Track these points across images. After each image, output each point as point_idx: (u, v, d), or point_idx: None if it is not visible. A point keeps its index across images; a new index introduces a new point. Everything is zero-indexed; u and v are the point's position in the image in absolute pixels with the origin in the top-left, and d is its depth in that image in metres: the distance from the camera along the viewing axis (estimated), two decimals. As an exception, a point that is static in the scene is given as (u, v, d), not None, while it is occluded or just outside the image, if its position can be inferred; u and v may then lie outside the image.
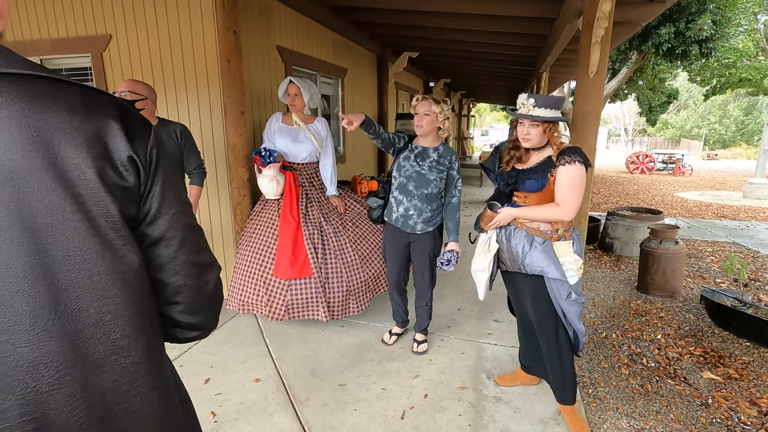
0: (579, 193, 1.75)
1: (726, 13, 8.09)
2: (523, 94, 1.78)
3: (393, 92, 6.81)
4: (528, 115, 1.75)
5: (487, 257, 1.99)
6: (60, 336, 0.54)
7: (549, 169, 1.81)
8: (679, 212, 7.65)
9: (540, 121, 1.77)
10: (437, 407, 2.11)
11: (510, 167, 1.95)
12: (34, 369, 0.53)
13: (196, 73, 2.99)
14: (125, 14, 3.03)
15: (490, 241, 1.99)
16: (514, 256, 1.91)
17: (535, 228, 1.87)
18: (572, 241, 1.88)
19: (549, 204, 1.82)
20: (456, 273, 3.97)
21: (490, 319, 3.06)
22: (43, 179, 0.52)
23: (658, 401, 2.20)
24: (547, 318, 1.89)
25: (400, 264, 2.55)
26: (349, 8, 4.17)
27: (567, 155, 1.76)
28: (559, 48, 3.96)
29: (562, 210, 1.78)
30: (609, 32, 2.10)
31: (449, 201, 2.41)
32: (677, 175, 14.13)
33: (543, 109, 1.73)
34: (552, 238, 1.85)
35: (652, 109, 14.26)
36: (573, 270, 1.82)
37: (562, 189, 1.76)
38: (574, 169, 1.73)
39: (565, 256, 1.84)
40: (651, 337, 2.88)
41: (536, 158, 1.88)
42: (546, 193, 1.83)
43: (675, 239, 3.51)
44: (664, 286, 3.48)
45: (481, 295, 2.09)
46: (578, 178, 1.75)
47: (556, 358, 1.92)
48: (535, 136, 1.80)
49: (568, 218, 1.80)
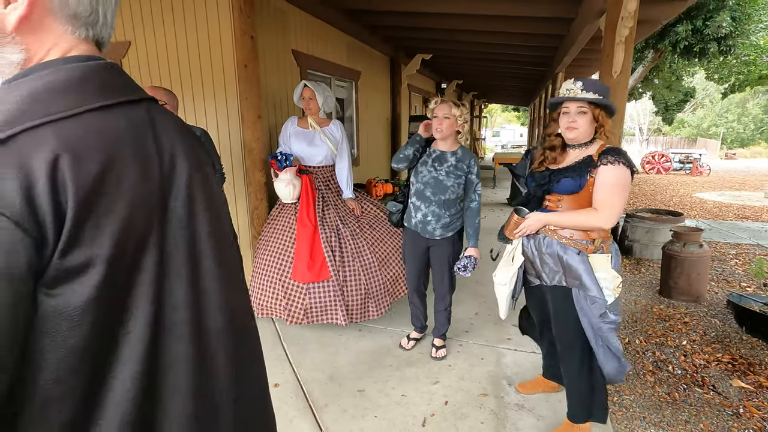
0: (622, 198, 1.55)
1: (746, 9, 7.90)
2: (569, 79, 1.60)
3: (406, 94, 6.80)
4: (577, 97, 1.54)
5: (510, 270, 1.86)
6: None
7: (588, 169, 1.59)
8: (698, 213, 7.48)
9: (589, 108, 1.56)
10: (458, 414, 2.07)
11: (543, 168, 1.74)
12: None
13: (214, 78, 3.01)
14: (144, 21, 3.06)
15: (515, 252, 1.83)
16: (552, 266, 1.70)
17: (568, 237, 1.65)
18: (610, 254, 1.66)
19: (586, 209, 1.61)
20: (473, 277, 3.91)
21: (509, 324, 3.01)
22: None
23: (687, 410, 2.14)
24: (570, 335, 1.73)
25: (419, 269, 2.53)
26: (363, 11, 4.17)
27: (610, 155, 1.55)
28: (576, 48, 3.91)
29: (601, 216, 1.56)
30: (633, 32, 2.05)
31: (468, 205, 2.37)
32: (695, 175, 13.85)
33: (592, 94, 1.53)
34: (587, 249, 1.64)
35: (669, 108, 14.01)
36: (610, 288, 1.62)
37: (602, 191, 1.56)
38: (618, 170, 1.53)
39: (601, 271, 1.63)
40: (676, 343, 2.80)
41: (574, 158, 1.65)
42: (583, 196, 1.61)
43: (699, 242, 3.42)
44: (688, 291, 3.39)
45: (502, 313, 1.96)
46: (622, 181, 1.54)
47: (576, 377, 1.78)
48: (582, 124, 1.57)
49: (607, 225, 1.59)
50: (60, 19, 0.49)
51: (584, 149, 1.64)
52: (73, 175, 0.41)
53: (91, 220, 0.43)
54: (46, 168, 0.40)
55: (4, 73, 0.48)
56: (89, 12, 0.51)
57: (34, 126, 0.41)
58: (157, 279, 0.50)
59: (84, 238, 0.42)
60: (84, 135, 0.44)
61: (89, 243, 0.43)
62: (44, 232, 0.40)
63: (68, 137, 0.43)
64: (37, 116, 0.42)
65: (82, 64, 0.49)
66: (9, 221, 0.38)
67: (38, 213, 0.39)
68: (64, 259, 0.41)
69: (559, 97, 1.61)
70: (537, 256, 1.76)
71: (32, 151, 0.40)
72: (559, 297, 1.73)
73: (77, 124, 0.44)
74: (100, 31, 0.54)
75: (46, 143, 0.41)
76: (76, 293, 0.43)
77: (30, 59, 0.49)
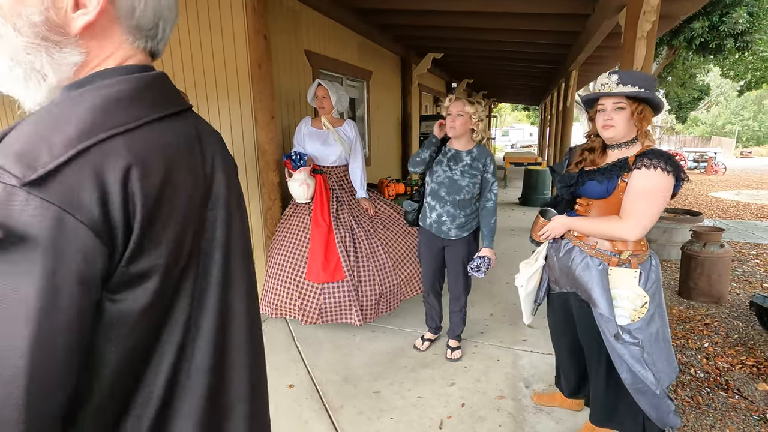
0: (652, 207, 1.37)
1: (763, 4, 7.74)
2: (605, 73, 1.45)
3: (417, 94, 6.77)
4: (612, 92, 1.40)
5: (528, 271, 1.79)
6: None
7: (621, 173, 1.44)
8: (715, 213, 7.34)
9: (628, 103, 1.40)
10: (475, 417, 2.04)
11: (577, 169, 1.60)
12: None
13: (227, 79, 3.01)
14: (158, 22, 3.07)
15: (539, 254, 1.76)
16: (565, 273, 1.62)
17: (591, 245, 1.52)
18: (639, 271, 1.48)
19: (610, 216, 1.47)
20: (486, 278, 3.88)
21: (524, 325, 2.97)
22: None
23: (712, 415, 2.08)
24: (594, 347, 1.64)
25: (434, 268, 2.51)
26: (374, 11, 4.15)
27: (648, 157, 1.38)
28: (592, 45, 3.84)
29: (624, 225, 1.41)
30: (656, 27, 2.00)
31: (484, 205, 2.33)
32: (710, 173, 13.62)
33: (630, 87, 1.38)
34: (611, 261, 1.50)
35: (682, 106, 13.77)
36: (626, 308, 1.46)
37: (630, 197, 1.41)
38: (654, 176, 1.36)
39: (620, 288, 1.48)
40: (697, 345, 2.73)
41: (612, 159, 1.51)
42: (612, 202, 1.47)
43: (720, 242, 3.34)
44: (709, 292, 3.31)
45: (525, 317, 1.89)
46: (656, 188, 1.37)
47: (601, 384, 1.68)
48: (619, 122, 1.42)
49: (631, 237, 1.43)
50: (123, 29, 0.51)
51: (624, 150, 1.49)
52: (141, 186, 0.44)
53: (155, 230, 0.45)
54: (119, 179, 0.42)
55: (61, 71, 0.49)
56: (151, 25, 0.53)
57: (107, 137, 0.43)
58: (197, 287, 0.53)
59: (147, 247, 0.45)
60: (149, 147, 0.47)
61: (151, 251, 0.45)
62: (115, 241, 0.42)
63: (137, 149, 0.45)
64: (109, 127, 0.44)
65: (141, 75, 0.50)
66: (87, 230, 0.40)
67: (111, 222, 0.42)
68: (129, 267, 0.44)
69: (592, 93, 1.48)
70: (556, 262, 1.68)
71: (107, 162, 0.42)
72: (583, 309, 1.64)
73: (142, 135, 0.47)
74: (157, 44, 0.56)
75: (119, 155, 0.43)
76: (137, 299, 0.45)
77: (87, 63, 0.50)
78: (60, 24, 0.47)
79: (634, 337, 1.49)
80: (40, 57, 0.48)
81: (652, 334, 1.53)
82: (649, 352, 1.51)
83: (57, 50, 0.48)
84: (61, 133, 0.41)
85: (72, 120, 0.42)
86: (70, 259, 0.38)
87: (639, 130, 1.45)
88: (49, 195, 0.38)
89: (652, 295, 1.51)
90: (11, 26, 0.46)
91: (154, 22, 0.53)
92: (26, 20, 0.46)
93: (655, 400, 1.53)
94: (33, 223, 0.37)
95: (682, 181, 1.40)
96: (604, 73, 1.44)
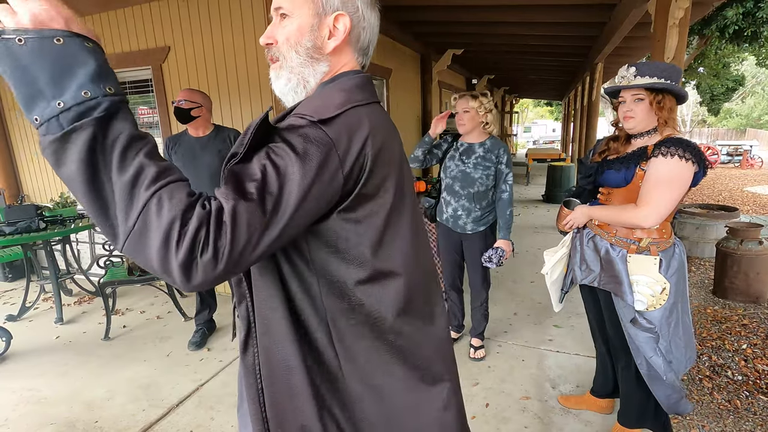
0: (667, 194, 1.37)
1: (804, -12, 7.32)
2: (625, 65, 1.47)
3: (437, 91, 6.70)
4: (630, 85, 1.41)
5: (552, 259, 1.81)
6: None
7: (639, 161, 1.46)
8: (751, 209, 7.01)
9: (646, 94, 1.41)
10: (500, 418, 2.00)
11: (600, 159, 1.63)
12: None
13: (249, 80, 3.06)
14: (182, 27, 3.14)
15: (564, 243, 1.78)
16: (589, 264, 1.64)
17: (611, 233, 1.56)
18: (659, 257, 1.49)
19: (626, 204, 1.49)
20: (509, 276, 3.82)
21: (550, 324, 2.90)
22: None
23: (752, 419, 1.98)
24: (620, 337, 1.65)
25: (453, 263, 2.49)
26: (394, 7, 4.13)
27: (666, 145, 1.38)
28: (619, 36, 3.72)
29: (640, 212, 1.41)
30: (688, 13, 1.91)
31: (499, 196, 2.30)
32: (745, 168, 13.00)
33: (647, 78, 1.39)
34: (630, 248, 1.52)
35: (715, 98, 13.22)
36: (645, 294, 1.48)
37: (646, 185, 1.41)
38: (670, 163, 1.36)
39: (641, 275, 1.49)
40: (734, 347, 2.61)
41: (634, 148, 1.54)
42: (631, 190, 1.49)
43: (758, 239, 3.18)
44: (746, 291, 3.16)
45: (555, 305, 1.90)
46: (672, 176, 1.37)
47: (630, 380, 1.68)
48: (639, 113, 1.44)
49: (645, 224, 1.43)
50: (353, 49, 0.78)
51: (647, 139, 1.50)
52: (372, 143, 0.67)
53: (377, 168, 0.68)
54: (365, 135, 0.66)
55: (317, 78, 0.75)
56: (367, 47, 0.80)
57: (354, 106, 0.68)
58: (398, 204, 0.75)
59: (374, 178, 0.68)
60: (376, 117, 0.71)
61: (378, 182, 0.69)
62: (350, 172, 0.65)
63: (371, 117, 0.69)
64: (356, 101, 0.69)
65: (362, 75, 0.77)
66: (338, 158, 0.63)
67: (352, 160, 0.64)
68: (363, 188, 0.67)
69: (614, 86, 1.50)
70: (579, 251, 1.70)
71: (356, 122, 0.66)
72: (607, 297, 1.65)
73: (371, 109, 0.72)
74: (367, 59, 0.82)
75: (365, 118, 0.68)
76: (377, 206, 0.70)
77: (329, 72, 0.76)
78: (320, 47, 0.73)
79: (650, 322, 1.52)
80: (307, 69, 0.74)
81: (672, 322, 1.53)
82: (667, 340, 1.53)
83: (316, 64, 0.74)
84: (332, 103, 0.67)
85: (336, 97, 0.69)
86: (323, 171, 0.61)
87: (660, 119, 1.45)
88: (328, 130, 0.63)
89: (675, 283, 1.51)
90: (294, 51, 0.73)
91: (370, 45, 0.80)
92: (303, 46, 0.73)
93: (666, 387, 1.55)
94: (318, 144, 0.61)
95: (705, 170, 1.40)
96: (626, 65, 1.46)
